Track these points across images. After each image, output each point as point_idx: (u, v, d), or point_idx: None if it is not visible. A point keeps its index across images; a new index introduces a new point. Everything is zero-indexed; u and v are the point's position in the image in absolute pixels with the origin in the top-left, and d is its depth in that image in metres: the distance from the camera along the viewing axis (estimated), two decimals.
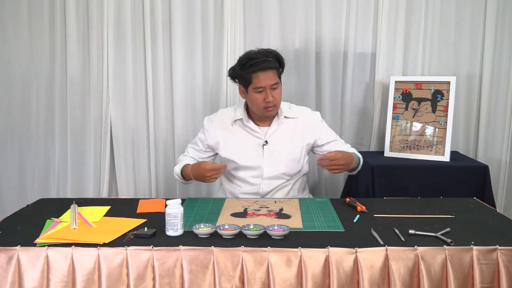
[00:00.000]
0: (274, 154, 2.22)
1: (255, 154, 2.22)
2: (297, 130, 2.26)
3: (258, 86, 2.11)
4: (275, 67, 2.15)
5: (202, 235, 1.60)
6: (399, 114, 2.92)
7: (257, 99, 2.14)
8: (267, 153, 2.22)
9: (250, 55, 2.16)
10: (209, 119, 2.31)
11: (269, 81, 2.11)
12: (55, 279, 1.48)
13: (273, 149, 2.22)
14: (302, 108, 2.35)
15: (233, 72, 2.21)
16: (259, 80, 2.11)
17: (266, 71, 2.11)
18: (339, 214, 1.85)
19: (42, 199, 2.16)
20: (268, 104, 2.13)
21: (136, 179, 3.12)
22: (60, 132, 3.07)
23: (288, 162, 2.23)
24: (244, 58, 2.16)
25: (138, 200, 2.07)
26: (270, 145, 2.22)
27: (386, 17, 2.99)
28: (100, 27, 2.95)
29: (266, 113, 2.17)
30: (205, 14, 2.97)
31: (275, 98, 2.13)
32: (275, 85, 2.13)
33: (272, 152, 2.22)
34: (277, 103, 2.17)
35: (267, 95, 2.11)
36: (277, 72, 2.17)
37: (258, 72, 2.10)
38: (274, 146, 2.22)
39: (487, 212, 1.91)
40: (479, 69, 3.06)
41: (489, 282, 1.49)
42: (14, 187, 3.13)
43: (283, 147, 2.22)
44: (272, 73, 2.13)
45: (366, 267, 1.47)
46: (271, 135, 2.23)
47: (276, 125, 2.24)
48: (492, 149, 3.10)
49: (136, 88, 3.03)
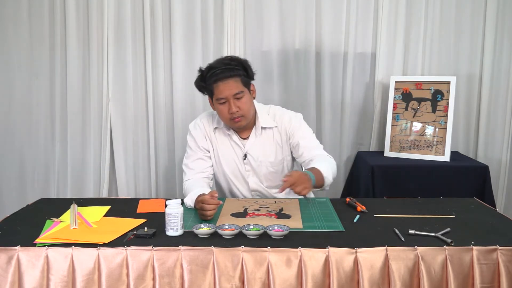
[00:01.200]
0: (256, 169, 2.11)
1: (240, 168, 2.12)
2: (277, 140, 2.11)
3: (220, 97, 1.96)
4: (237, 74, 1.96)
5: (202, 235, 1.60)
6: (399, 114, 2.92)
7: (221, 110, 1.99)
8: (248, 167, 2.11)
9: (210, 64, 2.01)
10: (195, 125, 2.14)
11: (230, 91, 1.94)
12: (55, 279, 1.48)
13: (253, 164, 2.10)
14: (283, 114, 2.13)
15: (198, 84, 2.05)
16: (219, 90, 1.95)
17: (226, 80, 1.94)
18: (339, 214, 1.85)
19: (42, 199, 2.16)
20: (233, 115, 1.97)
21: (136, 179, 3.13)
22: (60, 132, 3.08)
23: (270, 176, 2.12)
24: (205, 69, 2.01)
25: (138, 200, 2.06)
26: (250, 159, 2.10)
27: (386, 17, 2.99)
28: (100, 27, 2.95)
29: (234, 124, 2.02)
30: (205, 14, 2.97)
31: (240, 108, 1.96)
32: (239, 94, 1.95)
33: (253, 166, 2.11)
34: (245, 113, 1.99)
35: (230, 106, 1.95)
36: (242, 79, 1.98)
37: (218, 82, 1.95)
38: (254, 161, 2.10)
39: (487, 212, 1.91)
40: (479, 69, 3.06)
41: (489, 282, 1.49)
42: (14, 187, 3.13)
43: (262, 161, 2.10)
44: (234, 82, 1.95)
45: (366, 267, 1.47)
46: (250, 147, 2.09)
47: (254, 137, 2.09)
48: (492, 149, 3.11)
49: (136, 88, 3.04)
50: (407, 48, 3.04)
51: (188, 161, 2.13)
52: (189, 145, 2.14)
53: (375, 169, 2.69)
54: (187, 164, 2.13)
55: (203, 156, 2.13)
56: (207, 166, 2.13)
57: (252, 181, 2.13)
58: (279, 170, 2.13)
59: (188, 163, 2.13)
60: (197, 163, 2.12)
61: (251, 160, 2.10)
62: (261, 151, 2.10)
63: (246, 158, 2.10)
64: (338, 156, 3.13)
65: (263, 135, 2.10)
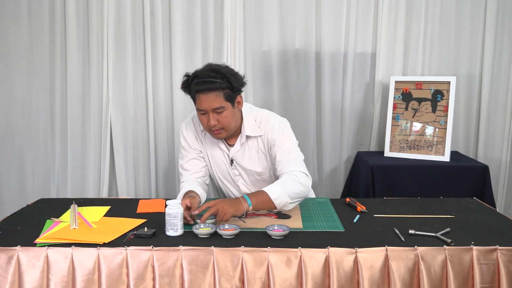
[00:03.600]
0: (242, 175, 2.08)
1: (229, 171, 2.08)
2: (261, 148, 2.04)
3: (200, 108, 1.89)
4: (220, 88, 1.86)
5: (202, 235, 1.60)
6: (399, 114, 2.92)
7: (202, 120, 1.93)
8: (237, 171, 2.07)
9: (196, 71, 1.92)
10: (187, 126, 2.10)
11: (209, 105, 1.86)
12: (55, 279, 1.48)
13: (240, 170, 2.07)
14: (269, 121, 2.02)
15: (183, 88, 1.97)
16: (200, 101, 1.88)
17: (207, 93, 1.85)
18: (339, 214, 1.85)
19: (42, 199, 2.16)
20: (211, 127, 1.91)
21: (136, 179, 3.13)
22: (60, 132, 3.07)
23: (258, 183, 2.08)
24: (191, 75, 1.93)
25: (138, 200, 2.07)
26: (237, 165, 2.06)
27: (386, 17, 2.99)
28: (100, 27, 2.95)
29: (214, 135, 1.96)
30: (205, 14, 2.97)
31: (219, 121, 1.89)
32: (218, 109, 1.87)
33: (240, 173, 2.08)
34: (225, 126, 1.91)
35: (209, 119, 1.89)
36: (225, 94, 1.87)
37: (200, 93, 1.87)
38: (240, 168, 2.07)
39: (487, 212, 1.91)
40: (479, 69, 3.07)
41: (489, 282, 1.49)
42: (14, 187, 3.13)
43: (248, 169, 2.06)
44: (215, 96, 1.85)
45: (366, 267, 1.47)
46: (235, 155, 2.05)
47: (238, 145, 2.03)
48: (492, 149, 3.11)
49: (136, 88, 3.03)
50: (407, 48, 3.04)
51: (182, 162, 2.11)
52: (182, 145, 2.11)
53: (375, 169, 2.69)
54: (182, 165, 2.11)
55: (196, 156, 2.10)
56: (202, 166, 2.10)
57: (242, 185, 2.10)
58: (267, 178, 2.08)
59: (182, 164, 2.11)
60: (192, 163, 2.09)
61: (238, 167, 2.07)
62: (247, 160, 2.05)
63: (232, 163, 2.07)
64: (338, 156, 3.14)
65: (248, 143, 2.04)
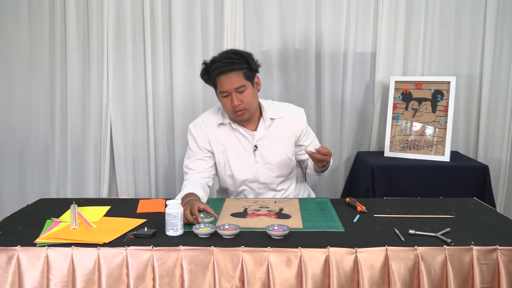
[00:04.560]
0: (267, 159, 2.13)
1: (249, 161, 2.13)
2: (286, 130, 2.16)
3: (222, 91, 1.99)
4: (239, 68, 1.98)
5: (202, 235, 1.60)
6: (399, 114, 2.92)
7: (225, 103, 2.02)
8: (259, 158, 2.13)
9: (214, 57, 2.03)
10: (195, 125, 2.15)
11: (231, 85, 1.97)
12: (55, 279, 1.48)
13: (265, 154, 2.13)
14: (286, 106, 2.25)
15: (203, 77, 2.08)
16: (221, 84, 1.98)
17: (227, 73, 1.96)
18: (339, 214, 1.85)
19: (42, 199, 2.16)
20: (235, 108, 2.00)
21: (136, 179, 3.13)
22: (60, 132, 3.07)
23: (282, 165, 2.16)
24: (209, 62, 2.04)
25: (138, 200, 2.07)
26: (261, 150, 2.13)
27: (386, 17, 2.99)
28: (100, 27, 2.95)
29: (238, 117, 2.04)
30: (205, 14, 2.97)
31: (242, 101, 1.99)
32: (240, 88, 1.98)
33: (265, 157, 2.13)
34: (248, 106, 2.02)
35: (232, 99, 1.98)
36: (244, 73, 2.00)
37: (220, 76, 1.97)
38: (266, 151, 2.13)
39: (487, 212, 1.91)
40: (479, 69, 3.06)
41: (489, 282, 1.49)
42: (14, 187, 3.13)
43: (275, 151, 2.14)
44: (236, 76, 1.97)
45: (366, 267, 1.47)
46: (261, 139, 2.13)
47: (263, 129, 2.13)
48: (492, 149, 3.11)
49: (136, 88, 3.03)
50: (407, 48, 3.04)
51: (188, 162, 2.15)
52: (190, 145, 2.15)
53: (375, 169, 2.69)
54: (187, 165, 2.14)
55: (203, 156, 2.13)
56: (207, 166, 2.13)
57: (262, 173, 2.14)
58: (289, 158, 2.18)
59: (188, 163, 2.14)
60: (197, 163, 2.13)
61: (262, 151, 2.13)
62: (273, 141, 2.14)
63: (257, 149, 2.12)
64: (338, 156, 3.13)
65: (272, 126, 2.14)
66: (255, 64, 2.06)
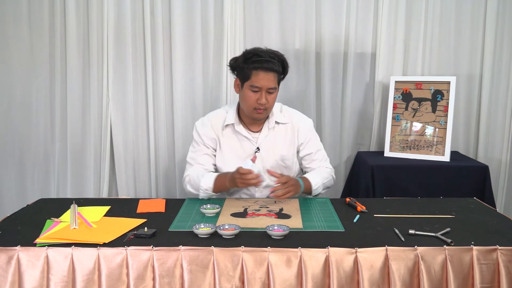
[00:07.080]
0: (266, 162, 2.15)
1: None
2: (288, 136, 2.20)
3: (255, 85, 2.03)
4: (277, 70, 2.06)
5: (202, 235, 1.60)
6: (399, 114, 2.92)
7: (250, 97, 2.06)
8: (258, 160, 2.11)
9: (257, 51, 2.07)
10: (203, 123, 2.22)
11: (267, 83, 2.03)
12: (55, 279, 1.48)
13: (264, 156, 2.15)
14: (295, 113, 2.27)
15: (234, 63, 2.12)
16: (258, 78, 2.03)
17: (267, 72, 2.03)
18: (339, 214, 1.85)
19: (42, 199, 2.16)
20: (259, 106, 2.05)
21: (136, 179, 3.12)
22: (60, 132, 3.07)
23: (280, 170, 2.15)
24: (250, 52, 2.07)
25: (138, 200, 2.07)
26: (262, 152, 2.15)
27: (386, 17, 2.99)
28: (100, 27, 2.95)
29: (255, 114, 2.09)
30: (205, 14, 2.97)
31: (268, 102, 2.06)
32: (272, 89, 2.06)
33: (264, 160, 2.15)
34: (269, 107, 2.10)
35: (261, 96, 2.04)
36: (278, 77, 2.08)
37: (259, 70, 2.03)
38: (266, 153, 2.16)
39: (487, 212, 1.91)
40: (479, 69, 3.06)
41: (489, 282, 1.49)
42: (14, 187, 3.13)
43: (274, 155, 2.17)
44: (273, 76, 2.05)
45: (366, 267, 1.47)
46: (263, 140, 2.17)
47: (266, 130, 2.17)
48: (492, 149, 3.11)
49: (136, 88, 3.03)
50: (407, 48, 3.04)
51: (193, 155, 2.19)
52: (196, 140, 2.21)
53: (375, 169, 2.69)
54: (195, 158, 2.18)
55: (208, 152, 2.19)
56: (211, 162, 2.20)
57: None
58: (289, 165, 2.20)
59: (196, 157, 2.19)
60: (203, 158, 2.19)
61: (263, 153, 2.15)
62: (274, 144, 2.17)
63: (258, 150, 2.15)
64: (338, 156, 3.14)
65: (276, 129, 2.19)
66: (286, 73, 2.15)
